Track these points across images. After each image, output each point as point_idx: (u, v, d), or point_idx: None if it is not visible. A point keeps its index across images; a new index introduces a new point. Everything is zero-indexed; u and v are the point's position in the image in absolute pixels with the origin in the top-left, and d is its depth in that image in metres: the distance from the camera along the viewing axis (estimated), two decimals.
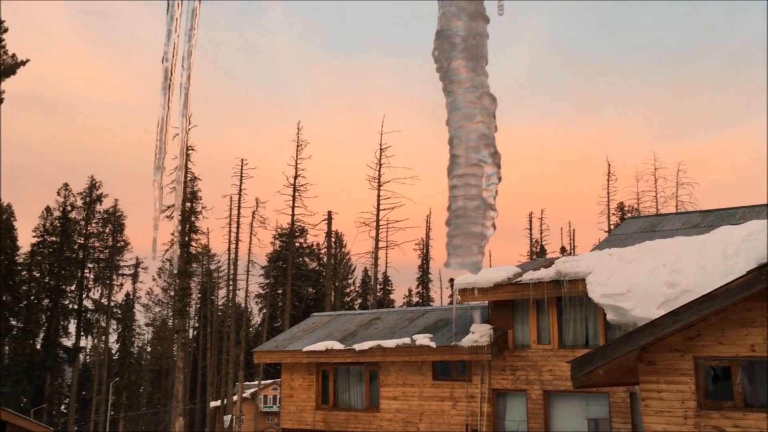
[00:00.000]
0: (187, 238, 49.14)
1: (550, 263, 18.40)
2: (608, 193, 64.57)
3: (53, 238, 68.56)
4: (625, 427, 16.28)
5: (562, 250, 70.03)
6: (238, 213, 56.29)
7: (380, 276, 65.18)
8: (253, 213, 56.64)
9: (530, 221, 71.63)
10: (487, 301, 19.17)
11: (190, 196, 49.41)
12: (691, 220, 22.59)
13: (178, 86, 2.68)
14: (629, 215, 58.31)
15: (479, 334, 18.15)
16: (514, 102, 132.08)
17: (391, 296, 78.87)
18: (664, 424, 11.03)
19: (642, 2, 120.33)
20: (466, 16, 2.25)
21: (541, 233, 71.56)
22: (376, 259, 53.88)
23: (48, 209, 69.33)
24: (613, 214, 64.32)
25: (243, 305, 62.64)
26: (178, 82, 2.67)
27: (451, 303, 21.50)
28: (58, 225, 68.78)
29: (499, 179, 2.27)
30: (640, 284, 14.96)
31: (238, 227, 56.49)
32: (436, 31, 2.29)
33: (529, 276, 17.53)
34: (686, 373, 10.95)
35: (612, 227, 60.22)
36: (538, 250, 69.68)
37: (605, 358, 11.47)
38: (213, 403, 66.21)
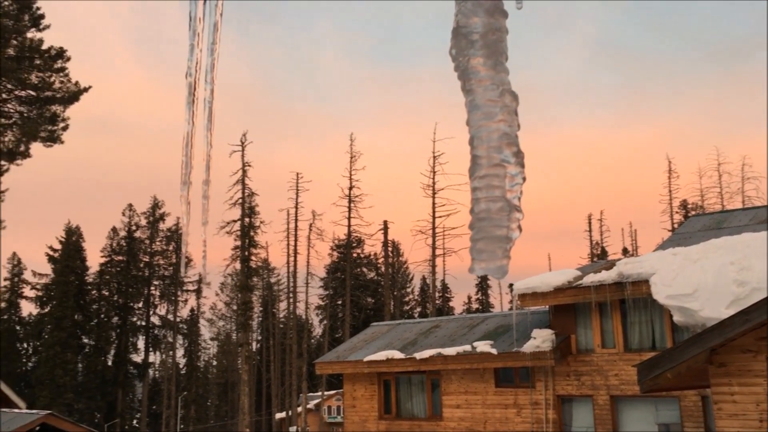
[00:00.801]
0: (246, 253, 50.00)
1: (611, 265, 18.00)
2: (670, 191, 62.86)
3: (120, 258, 70.81)
4: (698, 431, 15.73)
5: (624, 251, 68.41)
6: (296, 226, 57.03)
7: (438, 284, 64.95)
8: (310, 225, 57.29)
9: (589, 223, 70.29)
10: (547, 306, 18.86)
11: (248, 211, 50.28)
12: (759, 215, 21.75)
13: (204, 101, 2.71)
14: (693, 213, 56.62)
15: (541, 339, 17.86)
16: (567, 102, 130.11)
17: (451, 303, 78.49)
18: (739, 427, 10.62)
19: None
20: (483, 11, 2.18)
21: (601, 235, 70.12)
22: (433, 266, 53.73)
23: (114, 229, 71.70)
24: (676, 212, 62.55)
25: (304, 317, 63.33)
26: (203, 97, 2.70)
27: (511, 309, 21.23)
28: (125, 244, 71.00)
29: (524, 179, 2.19)
30: (708, 283, 14.49)
31: (296, 240, 57.22)
32: (452, 29, 2.23)
33: (590, 279, 17.17)
34: (760, 375, 10.52)
35: (675, 226, 58.53)
36: (598, 252, 68.24)
37: (673, 361, 11.12)
38: (278, 415, 67.03)
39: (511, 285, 18.65)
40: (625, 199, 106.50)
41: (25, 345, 70.88)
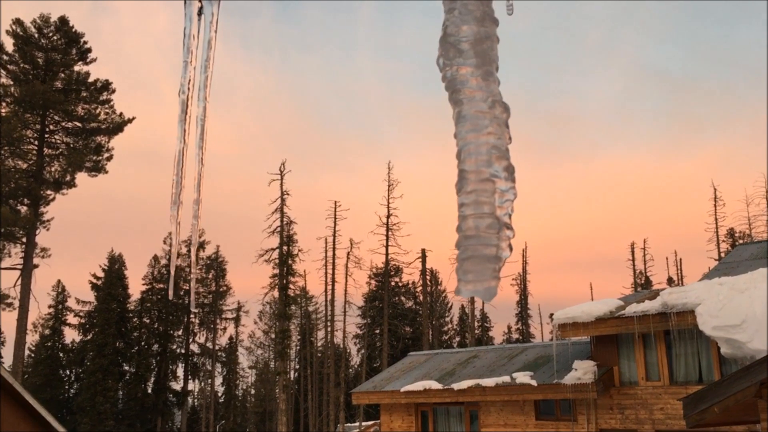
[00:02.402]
0: (285, 281, 50.20)
1: (655, 295, 17.52)
2: (716, 219, 61.35)
3: (161, 285, 71.75)
4: None
5: (669, 280, 66.83)
6: (333, 254, 57.15)
7: (478, 313, 64.24)
8: (348, 254, 57.35)
9: (632, 252, 68.94)
10: (589, 337, 18.41)
11: (287, 239, 50.58)
12: None
13: (197, 119, 2.64)
14: (740, 241, 55.13)
15: (582, 371, 17.40)
16: (609, 130, 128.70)
17: (490, 333, 77.49)
18: None
19: (740, 19, 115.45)
20: (473, 19, 2.06)
21: (644, 264, 68.66)
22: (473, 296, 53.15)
23: (155, 258, 72.77)
24: (723, 241, 60.99)
25: (341, 346, 63.13)
26: (195, 114, 2.63)
27: (551, 339, 20.78)
28: (165, 272, 71.95)
29: (515, 195, 2.05)
30: (756, 314, 13.96)
31: (333, 268, 57.31)
32: (440, 37, 2.11)
33: (633, 309, 16.73)
34: None
35: (722, 255, 57.01)
36: (642, 281, 66.78)
37: (721, 394, 10.69)
38: None
39: (551, 315, 18.25)
40: (670, 227, 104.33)
41: (67, 372, 71.96)
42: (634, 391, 17.16)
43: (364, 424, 60.51)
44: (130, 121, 44.88)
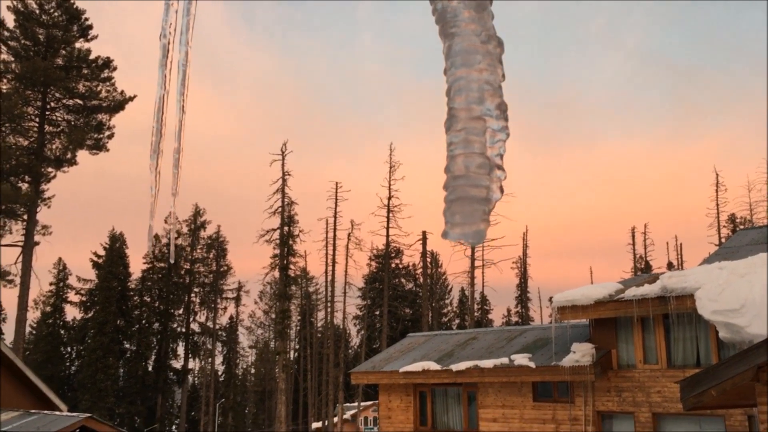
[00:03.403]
0: (285, 262, 50.26)
1: (654, 279, 17.52)
2: (717, 204, 61.27)
3: (162, 264, 71.91)
4: None
5: (669, 265, 66.91)
6: (334, 236, 57.18)
7: (477, 296, 64.38)
8: (349, 235, 57.38)
9: (633, 236, 68.94)
10: (587, 320, 18.44)
11: (288, 220, 50.57)
12: None
13: (178, 64, 2.52)
14: (741, 227, 55.07)
15: (581, 353, 17.46)
16: (612, 115, 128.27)
17: (490, 316, 77.78)
18: None
19: (743, 6, 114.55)
20: None
21: (645, 249, 68.69)
22: (472, 278, 53.28)
23: (156, 237, 72.82)
24: (724, 226, 60.95)
25: (341, 327, 63.37)
26: (177, 59, 2.50)
27: (551, 322, 20.83)
28: (166, 252, 72.05)
29: (507, 135, 1.91)
30: (755, 299, 13.97)
31: (334, 250, 57.36)
32: None
33: (632, 292, 16.73)
34: None
35: (722, 240, 57.01)
36: (642, 266, 66.86)
37: (718, 378, 10.71)
38: (315, 425, 67.03)
39: (551, 298, 18.27)
40: (671, 212, 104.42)
41: (68, 349, 72.36)
42: (632, 374, 17.22)
43: (363, 404, 60.92)
44: (131, 99, 44.71)
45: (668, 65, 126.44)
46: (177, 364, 72.14)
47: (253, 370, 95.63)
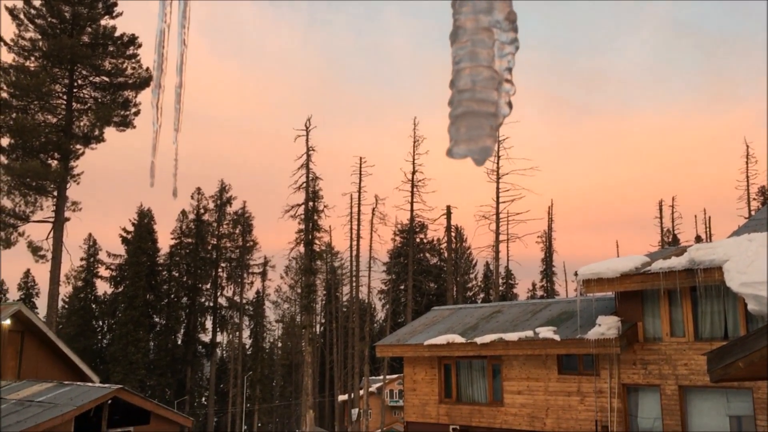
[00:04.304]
0: (310, 237, 50.53)
1: (682, 251, 17.33)
2: (747, 177, 60.23)
3: (189, 240, 72.76)
4: None
5: (698, 239, 66.07)
6: (359, 210, 57.28)
7: (502, 270, 64.27)
8: (373, 210, 57.44)
9: (660, 209, 68.12)
10: (613, 293, 18.35)
11: (312, 195, 50.75)
12: None
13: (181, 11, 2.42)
14: None
15: (606, 326, 17.39)
16: (642, 87, 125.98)
17: (514, 290, 77.64)
18: None
19: None
20: None
21: (672, 222, 67.87)
22: (497, 252, 53.12)
23: (183, 212, 73.66)
24: (754, 199, 59.95)
25: (366, 301, 63.76)
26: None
27: (576, 296, 20.76)
28: (193, 227, 72.88)
29: (517, 47, 1.82)
30: None
31: (359, 225, 57.50)
32: None
33: (659, 265, 16.58)
34: None
35: (752, 213, 56.05)
36: (669, 240, 66.11)
37: (746, 349, 10.62)
38: (341, 397, 67.88)
39: (576, 272, 18.18)
40: (700, 185, 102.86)
41: (100, 323, 73.84)
42: (658, 347, 17.13)
43: (388, 377, 61.43)
44: None
45: (700, 34, 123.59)
46: (205, 338, 73.31)
47: (279, 344, 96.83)
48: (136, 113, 44.72)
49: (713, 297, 16.39)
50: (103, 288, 74.03)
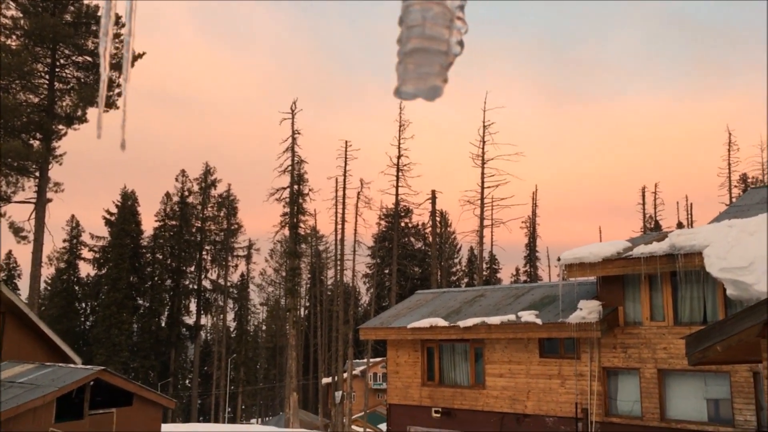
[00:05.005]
0: (295, 220, 50.48)
1: (663, 237, 17.49)
2: (729, 164, 60.79)
3: (173, 222, 72.43)
4: (748, 407, 15.29)
5: (679, 225, 66.67)
6: (344, 194, 57.20)
7: (486, 255, 64.61)
8: (358, 194, 57.40)
9: (643, 196, 68.63)
10: (595, 277, 18.51)
11: (297, 178, 50.63)
12: None
13: None
14: (753, 186, 54.67)
15: (587, 310, 17.56)
16: (630, 75, 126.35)
17: (498, 275, 78.10)
18: None
19: None
20: None
21: (655, 208, 68.43)
22: (481, 237, 53.33)
23: (168, 195, 73.24)
24: (735, 186, 60.55)
25: (351, 285, 63.86)
26: None
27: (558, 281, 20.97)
28: (177, 210, 72.52)
29: None
30: (764, 257, 13.94)
31: (344, 208, 57.45)
32: None
33: (640, 250, 16.73)
34: None
35: (734, 200, 56.66)
36: (652, 226, 66.69)
37: (724, 333, 10.78)
38: (325, 380, 68.12)
39: (559, 258, 18.30)
40: (683, 172, 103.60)
41: (83, 304, 73.48)
42: (638, 331, 17.33)
43: (372, 360, 61.72)
44: (140, 56, 44.42)
45: (689, 24, 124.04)
46: (189, 321, 73.23)
47: (264, 327, 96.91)
48: (119, 94, 44.22)
49: (693, 282, 16.59)
50: (86, 270, 73.83)
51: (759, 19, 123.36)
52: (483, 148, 51.25)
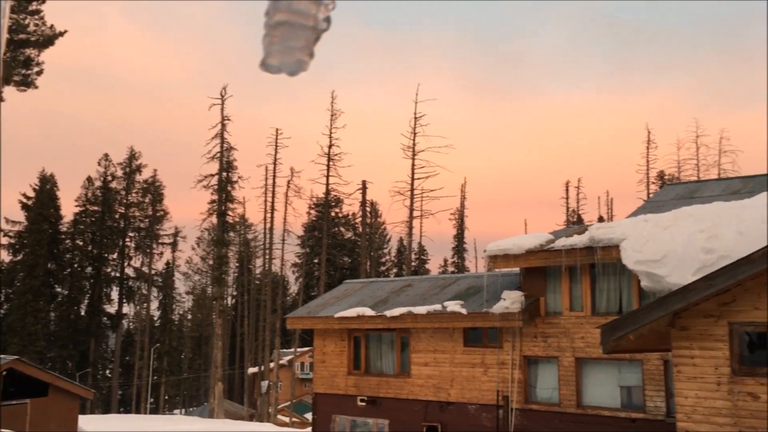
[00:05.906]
0: (223, 208, 49.71)
1: (583, 230, 18.08)
2: (647, 161, 63.28)
3: (95, 208, 70.07)
4: (658, 394, 16.05)
5: (600, 219, 69.08)
6: (274, 183, 56.67)
7: (415, 246, 65.21)
8: (288, 183, 56.98)
9: (567, 190, 70.73)
10: (519, 269, 18.98)
11: (226, 165, 49.83)
12: (731, 186, 21.94)
13: None
14: (669, 183, 57.11)
15: (510, 300, 18.00)
16: (554, 72, 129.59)
17: (427, 266, 78.99)
18: (697, 390, 10.83)
19: None
20: None
21: (578, 203, 70.65)
22: (410, 228, 53.82)
23: (89, 179, 70.78)
24: (653, 182, 63.12)
25: (279, 274, 63.39)
26: None
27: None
28: (100, 195, 70.21)
29: None
30: (676, 250, 14.60)
31: (273, 197, 56.92)
32: None
33: (562, 242, 17.26)
34: (720, 339, 10.70)
35: (651, 196, 59.06)
36: (574, 219, 68.83)
37: (636, 323, 11.27)
38: (251, 370, 67.51)
39: (485, 249, 18.67)
40: (604, 168, 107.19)
41: None
42: (558, 321, 17.89)
43: (299, 350, 61.51)
44: (61, 34, 42.68)
45: (613, 22, 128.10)
46: (111, 309, 71.09)
47: (189, 316, 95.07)
48: (39, 73, 42.41)
49: (610, 274, 17.23)
50: (0, 256, 70.36)
51: (680, 19, 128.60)
52: (414, 140, 51.67)
